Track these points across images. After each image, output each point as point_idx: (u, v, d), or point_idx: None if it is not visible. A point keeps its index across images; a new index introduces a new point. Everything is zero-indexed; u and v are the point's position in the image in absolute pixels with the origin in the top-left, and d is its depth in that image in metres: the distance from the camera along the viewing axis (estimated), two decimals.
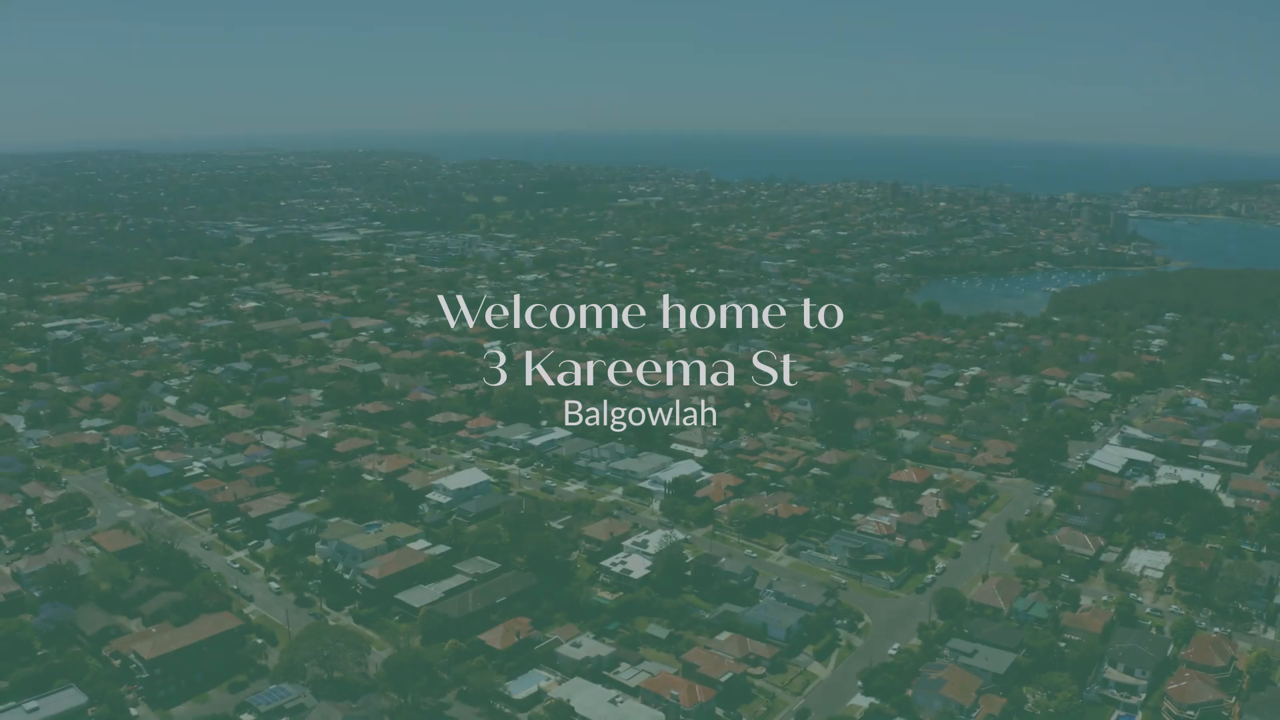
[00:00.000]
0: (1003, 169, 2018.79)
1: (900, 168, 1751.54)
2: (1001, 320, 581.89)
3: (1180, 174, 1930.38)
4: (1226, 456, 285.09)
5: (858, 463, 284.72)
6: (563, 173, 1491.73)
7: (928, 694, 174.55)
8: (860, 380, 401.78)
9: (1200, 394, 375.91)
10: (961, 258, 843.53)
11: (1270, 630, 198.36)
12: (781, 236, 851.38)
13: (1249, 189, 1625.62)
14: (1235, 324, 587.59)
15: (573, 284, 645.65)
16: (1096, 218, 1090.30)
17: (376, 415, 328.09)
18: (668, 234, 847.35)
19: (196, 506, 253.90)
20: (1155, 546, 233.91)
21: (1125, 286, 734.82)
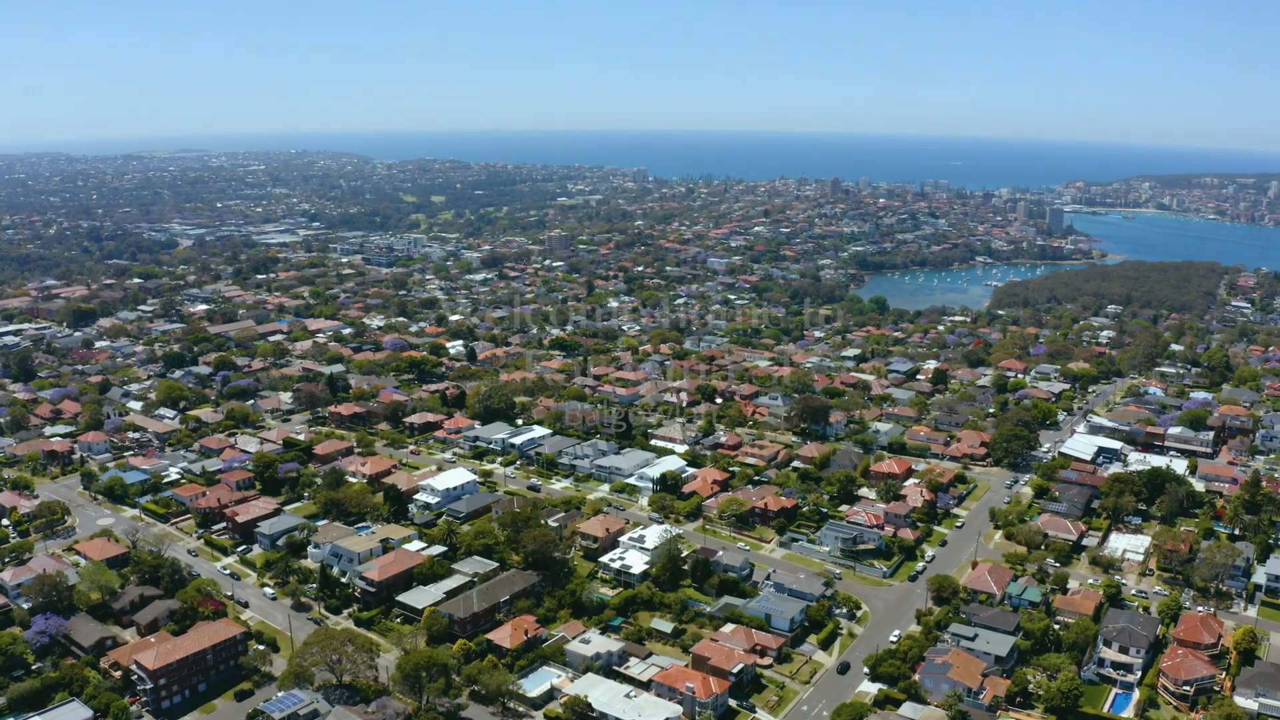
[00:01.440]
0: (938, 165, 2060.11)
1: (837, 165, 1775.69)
2: (948, 314, 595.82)
3: (1111, 169, 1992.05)
4: (1191, 443, 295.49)
5: (838, 455, 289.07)
6: (500, 172, 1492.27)
7: (935, 678, 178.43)
8: (826, 375, 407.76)
9: (1156, 383, 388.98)
10: (903, 253, 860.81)
11: (1251, 608, 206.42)
12: (725, 234, 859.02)
13: (1178, 183, 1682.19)
14: (1176, 315, 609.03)
15: (522, 283, 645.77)
16: (1032, 213, 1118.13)
17: (350, 417, 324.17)
18: (612, 232, 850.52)
19: (179, 513, 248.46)
20: (1132, 530, 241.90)
21: (1065, 280, 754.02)
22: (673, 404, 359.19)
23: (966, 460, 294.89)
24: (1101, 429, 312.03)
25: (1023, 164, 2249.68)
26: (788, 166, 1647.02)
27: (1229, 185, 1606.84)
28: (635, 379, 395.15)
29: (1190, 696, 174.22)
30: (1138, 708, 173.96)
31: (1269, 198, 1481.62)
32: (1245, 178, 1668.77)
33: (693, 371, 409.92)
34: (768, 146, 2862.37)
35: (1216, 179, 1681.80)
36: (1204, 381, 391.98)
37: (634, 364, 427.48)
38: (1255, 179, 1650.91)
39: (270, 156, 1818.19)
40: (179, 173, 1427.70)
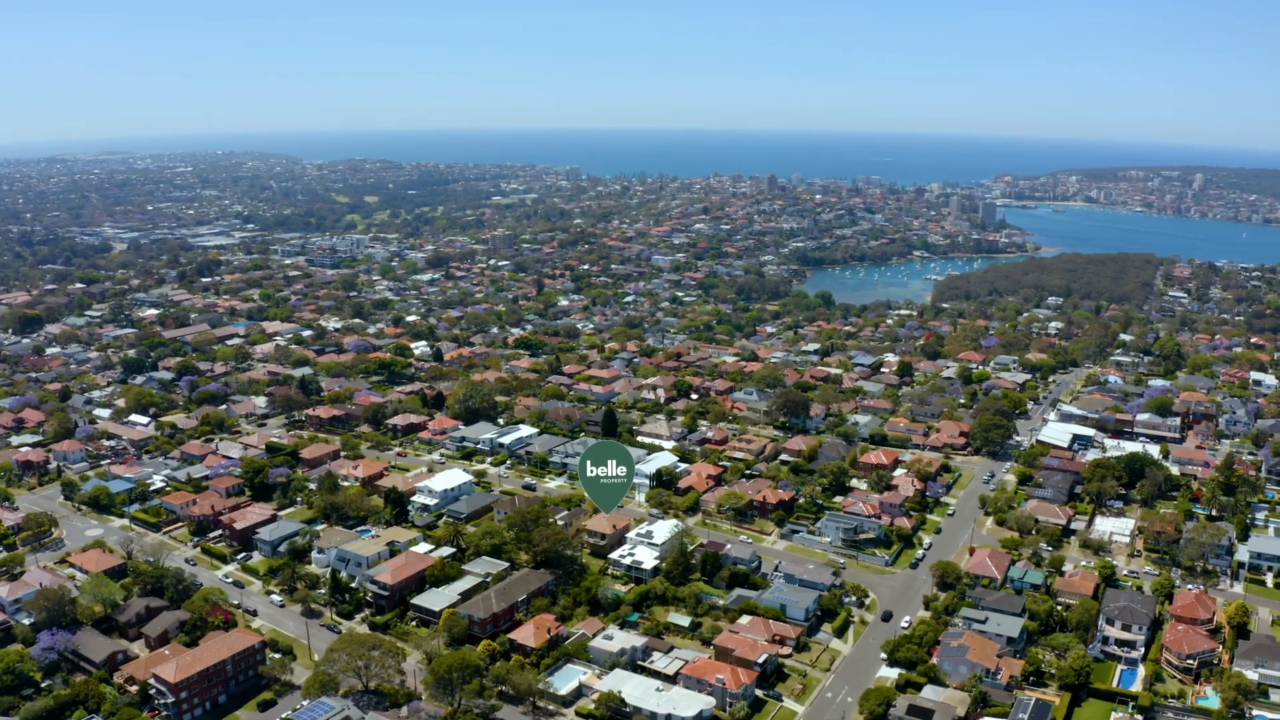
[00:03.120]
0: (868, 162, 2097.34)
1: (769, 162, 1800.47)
2: (892, 308, 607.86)
3: (1038, 163, 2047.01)
4: (1159, 429, 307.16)
5: (825, 448, 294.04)
6: (432, 172, 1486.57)
7: (953, 660, 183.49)
8: (795, 369, 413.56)
9: (1114, 372, 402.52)
10: (842, 248, 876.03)
11: (1236, 585, 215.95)
12: (667, 231, 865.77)
13: (1105, 176, 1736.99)
14: (1116, 305, 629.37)
15: (470, 283, 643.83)
16: (964, 207, 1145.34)
17: (329, 420, 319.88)
18: (554, 231, 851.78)
19: (170, 521, 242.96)
20: (1115, 514, 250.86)
21: (1005, 273, 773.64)
22: (650, 401, 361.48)
23: (948, 450, 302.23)
24: (1072, 417, 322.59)
25: (951, 159, 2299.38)
26: (720, 164, 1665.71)
27: (1154, 178, 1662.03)
28: (607, 376, 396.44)
29: (1194, 670, 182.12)
30: (1145, 682, 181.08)
31: (1194, 190, 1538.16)
32: (1170, 170, 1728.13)
33: (662, 369, 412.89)
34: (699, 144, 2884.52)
35: (1142, 172, 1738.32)
36: (1158, 370, 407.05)
37: (602, 362, 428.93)
38: (1180, 171, 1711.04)
39: (197, 158, 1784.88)
40: (105, 175, 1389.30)
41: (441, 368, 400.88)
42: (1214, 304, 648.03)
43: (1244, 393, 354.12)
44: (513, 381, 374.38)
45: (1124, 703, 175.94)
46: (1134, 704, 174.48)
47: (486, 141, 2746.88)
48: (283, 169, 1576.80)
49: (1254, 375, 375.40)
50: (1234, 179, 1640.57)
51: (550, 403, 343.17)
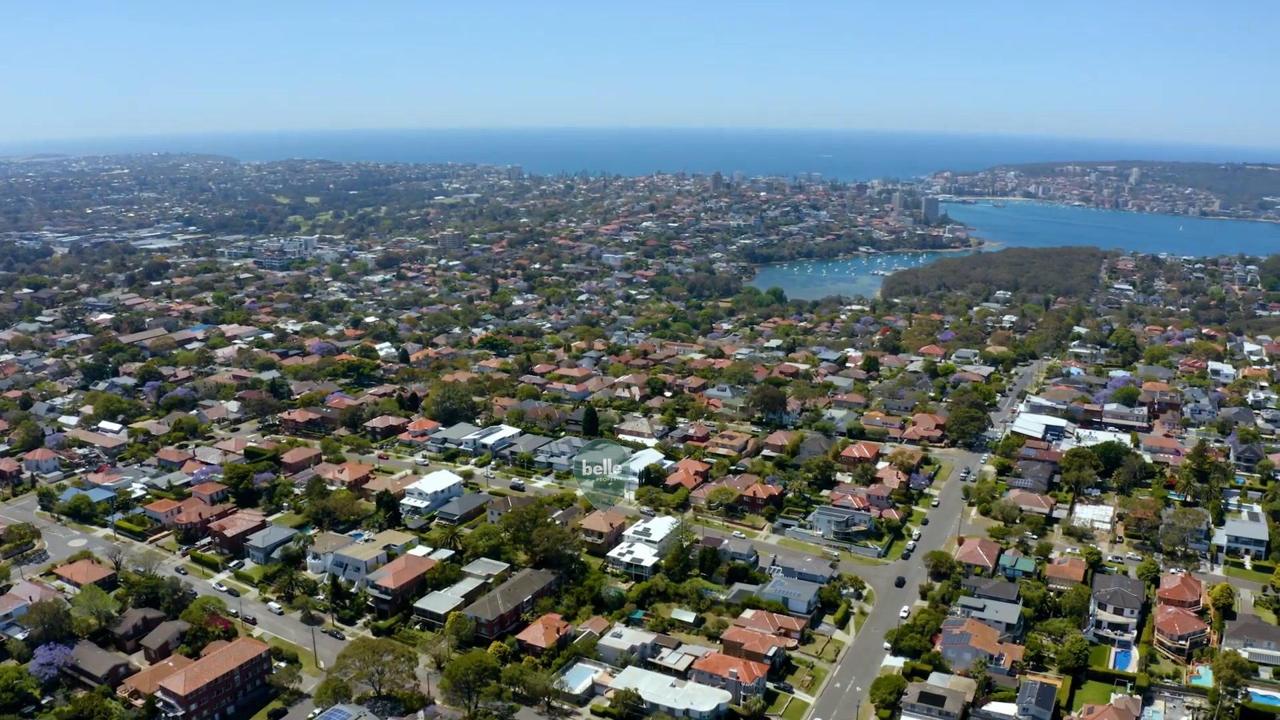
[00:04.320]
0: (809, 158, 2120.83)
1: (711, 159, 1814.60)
2: (844, 303, 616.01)
3: (976, 158, 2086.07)
4: (1127, 418, 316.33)
5: (807, 443, 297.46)
6: (373, 172, 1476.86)
7: (957, 648, 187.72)
8: (763, 365, 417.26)
9: (1074, 363, 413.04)
10: (789, 245, 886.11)
11: (1216, 568, 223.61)
12: (615, 229, 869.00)
13: (1042, 171, 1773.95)
14: (1063, 299, 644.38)
15: (421, 283, 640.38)
16: (907, 203, 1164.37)
17: (305, 423, 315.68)
18: (503, 230, 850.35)
19: (155, 530, 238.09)
20: (1094, 502, 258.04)
21: (952, 267, 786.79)
22: (625, 399, 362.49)
23: (925, 443, 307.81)
24: (1042, 408, 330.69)
25: (890, 155, 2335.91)
26: (663, 162, 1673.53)
27: (1091, 172, 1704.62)
28: (579, 375, 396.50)
29: (1186, 650, 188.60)
30: (1140, 663, 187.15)
31: (1130, 184, 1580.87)
32: (1106, 165, 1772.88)
33: (631, 366, 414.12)
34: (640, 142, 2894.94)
35: (1079, 166, 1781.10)
36: (1116, 361, 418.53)
37: (570, 361, 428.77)
38: (1116, 166, 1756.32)
39: (133, 160, 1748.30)
40: (40, 178, 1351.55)
41: (411, 369, 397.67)
42: (1159, 296, 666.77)
43: (1204, 382, 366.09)
44: (485, 382, 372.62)
45: (1122, 684, 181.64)
46: (1132, 685, 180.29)
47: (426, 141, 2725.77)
48: (221, 170, 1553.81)
49: (1212, 365, 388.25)
50: (1169, 173, 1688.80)
51: (527, 402, 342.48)
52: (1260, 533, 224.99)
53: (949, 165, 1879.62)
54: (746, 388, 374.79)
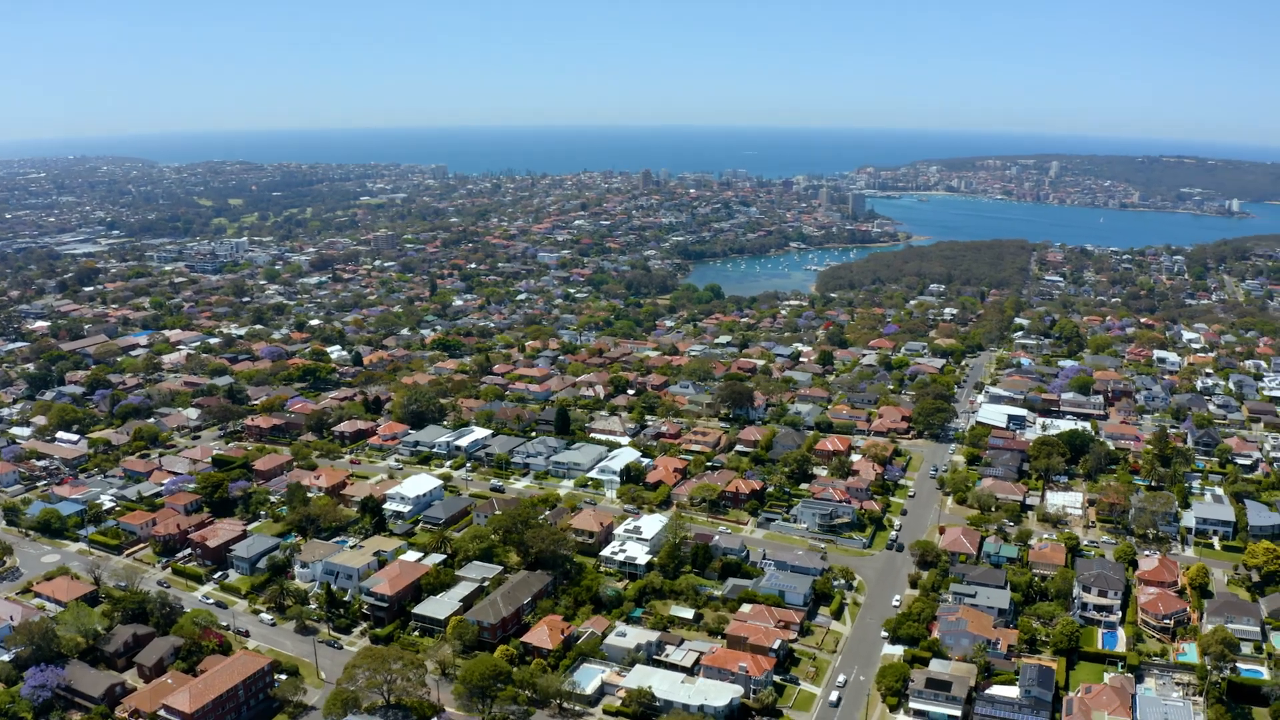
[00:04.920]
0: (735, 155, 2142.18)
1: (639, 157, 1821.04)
2: (780, 299, 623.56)
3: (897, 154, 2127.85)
4: (1084, 406, 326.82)
5: (780, 437, 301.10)
6: (295, 173, 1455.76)
7: (955, 634, 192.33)
8: (720, 362, 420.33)
9: (1022, 354, 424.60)
10: (721, 241, 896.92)
11: (1186, 549, 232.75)
12: (548, 228, 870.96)
13: (963, 165, 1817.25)
14: (996, 290, 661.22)
15: (358, 285, 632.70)
16: (834, 198, 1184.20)
17: (270, 429, 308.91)
18: (436, 230, 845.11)
19: (132, 542, 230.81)
20: (1063, 489, 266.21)
21: (886, 261, 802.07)
22: (590, 398, 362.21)
23: (893, 434, 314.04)
24: (1000, 398, 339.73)
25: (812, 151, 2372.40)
26: (589, 160, 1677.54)
27: (1012, 166, 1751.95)
28: (539, 375, 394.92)
29: (1171, 629, 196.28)
30: (1128, 643, 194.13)
31: (1050, 177, 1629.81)
32: (1026, 159, 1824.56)
33: (590, 365, 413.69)
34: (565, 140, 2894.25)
35: (999, 161, 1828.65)
36: (1062, 351, 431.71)
37: (526, 361, 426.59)
38: (1035, 159, 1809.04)
39: (49, 163, 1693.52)
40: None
41: (369, 372, 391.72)
42: (1090, 287, 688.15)
43: (1151, 370, 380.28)
44: (447, 383, 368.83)
45: (1113, 663, 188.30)
46: (1123, 664, 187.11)
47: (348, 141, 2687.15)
48: (140, 173, 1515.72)
49: (1158, 354, 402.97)
50: (1087, 166, 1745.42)
51: (494, 403, 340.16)
52: (1227, 514, 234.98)
53: (871, 161, 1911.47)
54: (708, 384, 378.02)
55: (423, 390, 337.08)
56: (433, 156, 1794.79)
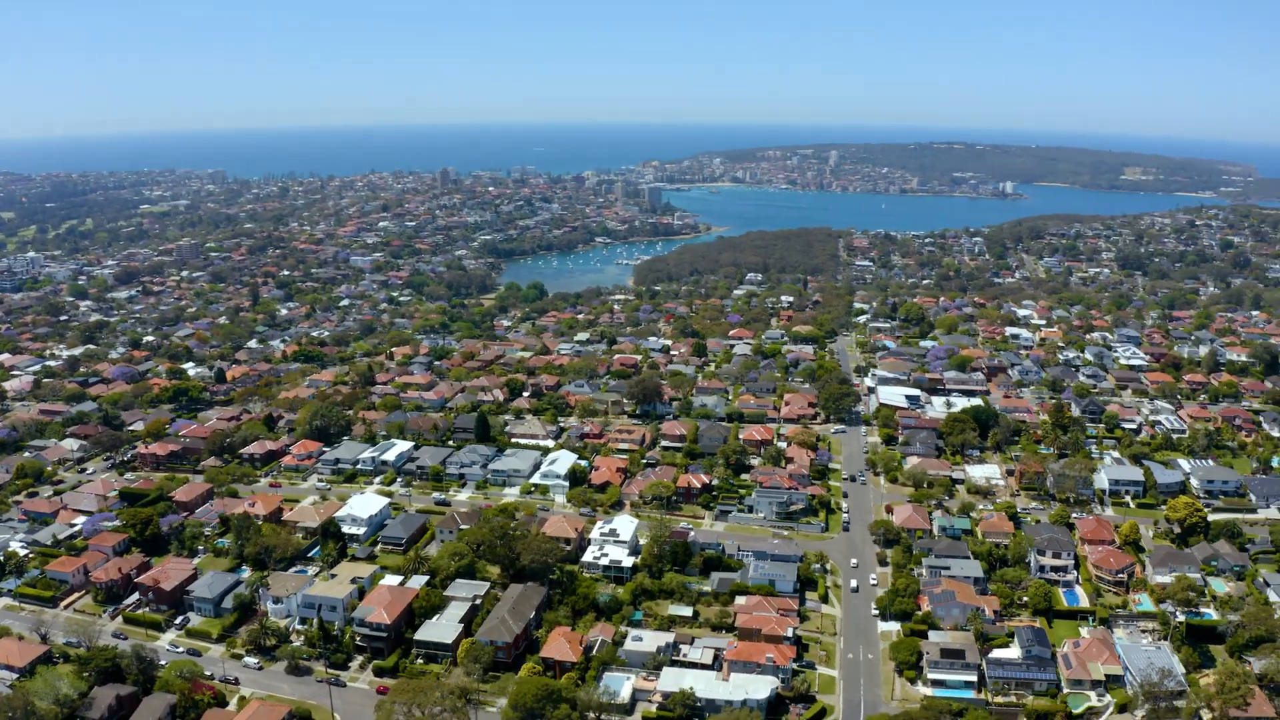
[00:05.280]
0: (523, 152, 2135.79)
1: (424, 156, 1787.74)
2: (604, 294, 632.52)
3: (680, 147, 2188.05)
4: (968, 383, 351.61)
5: (704, 430, 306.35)
6: (65, 182, 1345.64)
7: (945, 605, 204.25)
8: (601, 359, 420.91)
9: (882, 337, 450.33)
10: (529, 238, 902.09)
11: (1106, 509, 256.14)
12: (353, 231, 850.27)
13: (746, 157, 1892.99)
14: (813, 277, 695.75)
15: (172, 297, 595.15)
16: (629, 192, 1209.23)
17: (168, 456, 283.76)
18: (239, 237, 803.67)
19: (66, 592, 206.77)
20: (977, 462, 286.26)
21: (700, 253, 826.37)
22: (490, 403, 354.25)
23: (804, 420, 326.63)
24: (888, 380, 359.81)
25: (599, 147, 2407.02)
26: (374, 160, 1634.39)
27: (793, 156, 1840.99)
28: (424, 382, 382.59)
29: (1125, 582, 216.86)
30: (1090, 598, 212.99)
31: (830, 166, 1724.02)
32: (805, 149, 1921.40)
33: (474, 370, 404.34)
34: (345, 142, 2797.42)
35: (780, 151, 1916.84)
36: (913, 333, 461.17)
37: (400, 368, 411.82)
38: (814, 149, 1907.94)
39: None
40: None
41: (247, 388, 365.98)
42: (900, 270, 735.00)
43: (1009, 346, 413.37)
44: (336, 395, 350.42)
45: (1083, 618, 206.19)
46: (1093, 618, 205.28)
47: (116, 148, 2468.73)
48: None
49: (1009, 330, 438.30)
50: (864, 154, 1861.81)
51: (396, 414, 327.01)
52: (1136, 475, 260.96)
53: (656, 154, 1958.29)
54: (597, 381, 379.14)
55: (329, 405, 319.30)
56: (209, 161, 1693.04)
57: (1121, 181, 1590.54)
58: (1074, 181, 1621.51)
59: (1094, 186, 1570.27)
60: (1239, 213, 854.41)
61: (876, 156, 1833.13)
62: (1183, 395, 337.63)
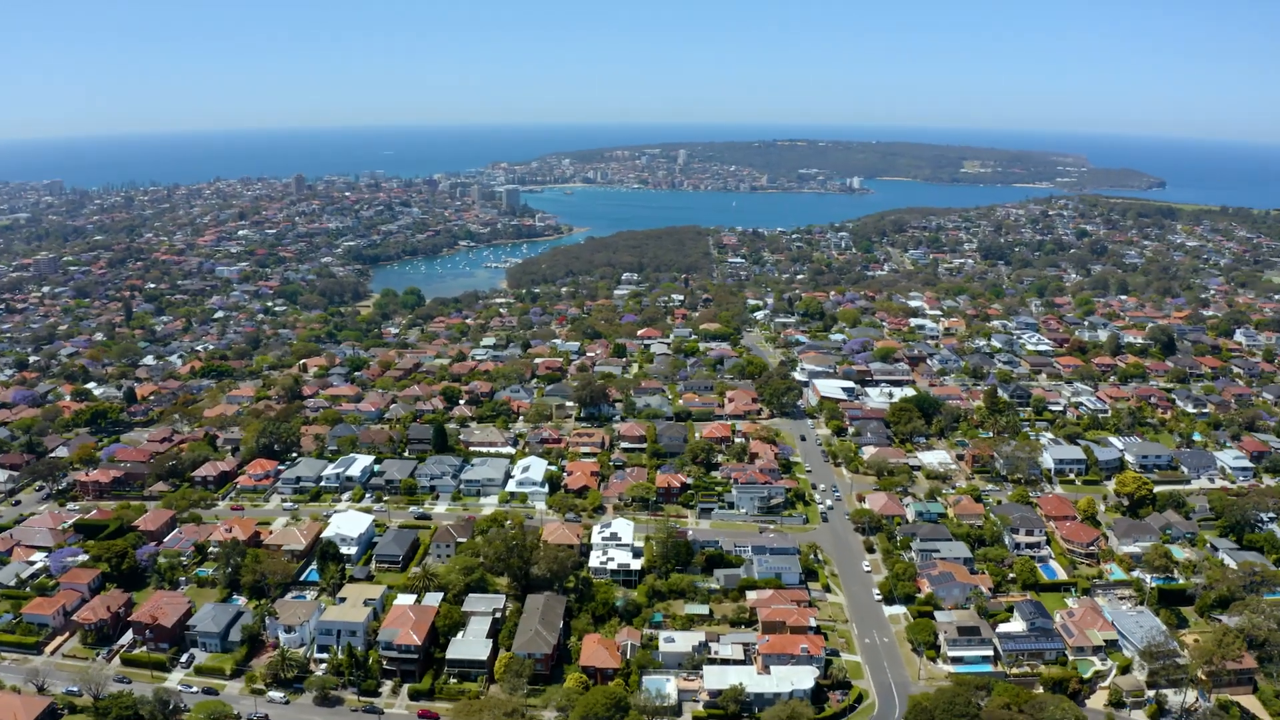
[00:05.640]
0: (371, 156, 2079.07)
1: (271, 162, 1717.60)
2: (482, 297, 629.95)
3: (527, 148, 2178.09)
4: (894, 373, 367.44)
5: (663, 430, 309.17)
6: None
7: (946, 586, 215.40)
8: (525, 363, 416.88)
9: (793, 332, 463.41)
10: (393, 244, 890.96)
11: (1055, 487, 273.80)
12: (214, 240, 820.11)
13: (594, 157, 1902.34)
14: (689, 275, 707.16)
15: (38, 314, 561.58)
16: (484, 194, 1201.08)
17: (112, 483, 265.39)
18: (98, 250, 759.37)
19: (50, 636, 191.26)
20: (926, 448, 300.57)
21: (574, 254, 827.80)
22: (430, 412, 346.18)
23: (751, 416, 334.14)
24: (818, 373, 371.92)
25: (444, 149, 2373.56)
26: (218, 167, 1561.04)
27: (641, 156, 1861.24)
28: (352, 394, 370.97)
29: (1095, 554, 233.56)
30: (1067, 570, 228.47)
31: (680, 165, 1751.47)
32: (652, 148, 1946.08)
33: (400, 380, 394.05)
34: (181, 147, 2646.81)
35: (628, 151, 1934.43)
36: (818, 327, 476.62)
37: (319, 381, 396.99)
38: (661, 148, 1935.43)
39: None
40: None
41: (181, 407, 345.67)
42: (772, 266, 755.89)
43: (915, 336, 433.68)
44: (269, 411, 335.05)
45: (1067, 590, 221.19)
46: (1075, 589, 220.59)
47: None
48: None
49: (914, 322, 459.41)
50: (711, 153, 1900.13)
51: (340, 428, 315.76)
52: (1078, 454, 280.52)
53: (503, 156, 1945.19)
54: (531, 386, 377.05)
55: (275, 422, 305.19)
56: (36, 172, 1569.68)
57: (962, 174, 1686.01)
58: (916, 175, 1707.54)
59: (936, 180, 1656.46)
60: (1088, 202, 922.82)
61: (723, 155, 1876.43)
62: (1094, 377, 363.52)
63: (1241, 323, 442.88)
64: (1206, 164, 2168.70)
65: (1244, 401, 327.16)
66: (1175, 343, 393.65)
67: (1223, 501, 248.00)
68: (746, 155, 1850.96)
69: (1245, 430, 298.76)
